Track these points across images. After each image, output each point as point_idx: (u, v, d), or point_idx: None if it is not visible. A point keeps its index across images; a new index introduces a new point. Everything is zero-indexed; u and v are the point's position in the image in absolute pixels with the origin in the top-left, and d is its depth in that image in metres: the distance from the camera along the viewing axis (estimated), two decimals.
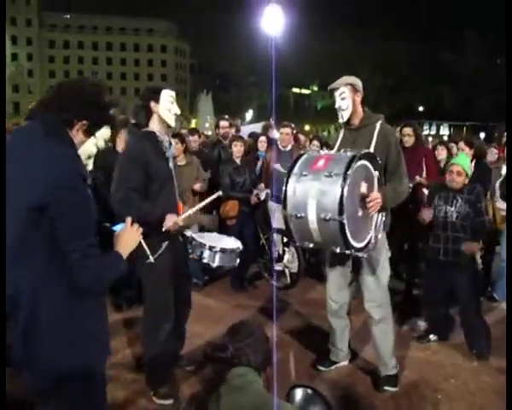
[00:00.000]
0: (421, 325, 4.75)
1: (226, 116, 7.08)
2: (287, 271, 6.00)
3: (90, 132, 1.96)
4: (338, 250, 2.98)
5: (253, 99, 73.25)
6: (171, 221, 3.18)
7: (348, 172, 2.81)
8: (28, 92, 73.65)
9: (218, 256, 3.44)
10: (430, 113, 57.06)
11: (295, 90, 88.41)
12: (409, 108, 56.83)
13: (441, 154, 6.22)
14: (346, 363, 3.91)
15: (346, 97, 3.38)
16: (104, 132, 2.00)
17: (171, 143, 3.39)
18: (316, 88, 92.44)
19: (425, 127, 61.66)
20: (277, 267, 5.96)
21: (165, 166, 3.30)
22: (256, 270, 6.22)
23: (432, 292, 4.44)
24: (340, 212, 2.77)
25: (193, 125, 55.96)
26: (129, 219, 2.08)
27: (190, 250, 3.41)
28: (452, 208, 4.16)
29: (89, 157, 1.99)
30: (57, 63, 76.97)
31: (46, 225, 1.76)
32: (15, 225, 1.79)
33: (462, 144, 6.01)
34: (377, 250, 3.32)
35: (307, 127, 67.57)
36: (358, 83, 3.46)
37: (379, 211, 3.20)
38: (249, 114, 59.72)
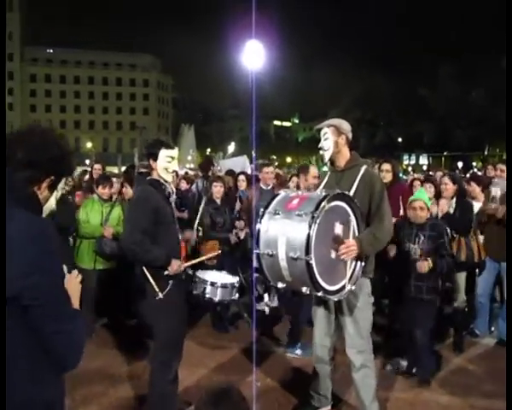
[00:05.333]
0: (404, 364, 4.70)
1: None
2: (267, 310, 5.92)
3: (54, 187, 1.81)
4: (308, 292, 2.96)
5: (234, 132, 73.90)
6: (176, 266, 3.38)
7: (317, 212, 2.83)
8: (9, 127, 73.28)
9: (219, 291, 3.74)
10: (409, 144, 58.16)
11: (276, 122, 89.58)
12: (388, 141, 57.91)
13: (429, 191, 5.68)
14: (328, 409, 3.82)
15: (329, 138, 3.43)
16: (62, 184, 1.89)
17: (173, 190, 3.63)
18: (297, 120, 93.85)
19: (405, 157, 62.78)
20: (258, 307, 5.88)
21: (169, 210, 3.51)
22: (237, 310, 6.13)
23: (407, 328, 4.46)
24: (307, 251, 2.77)
25: None
26: (64, 267, 1.93)
27: (193, 287, 3.63)
28: (415, 246, 4.22)
29: (50, 212, 1.90)
30: (39, 97, 76.95)
31: (21, 316, 1.59)
32: None
33: (446, 179, 5.62)
34: (357, 296, 3.29)
35: (289, 159, 68.35)
36: (343, 125, 3.49)
37: (356, 258, 3.17)
38: (231, 147, 60.14)
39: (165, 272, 3.36)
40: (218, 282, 3.81)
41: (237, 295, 3.91)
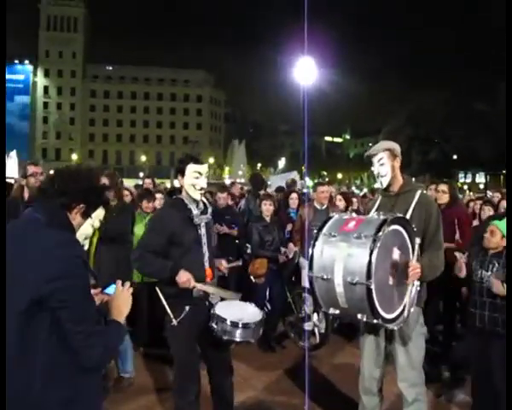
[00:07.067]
0: (462, 396, 4.46)
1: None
2: (316, 330, 5.83)
3: (87, 214, 2.07)
4: (364, 319, 2.80)
5: (285, 147, 74.06)
6: (184, 277, 3.17)
7: (378, 235, 2.68)
8: (69, 139, 76.90)
9: (238, 332, 3.22)
10: (465, 161, 56.11)
11: (327, 138, 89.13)
12: (442, 158, 56.15)
13: (488, 214, 5.45)
14: None
15: (385, 163, 3.30)
16: (99, 213, 2.16)
17: (205, 209, 3.46)
18: (348, 136, 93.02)
19: (460, 175, 60.59)
20: (306, 327, 5.79)
21: (192, 232, 3.35)
22: (283, 329, 6.06)
23: (474, 363, 4.18)
24: (368, 276, 2.62)
25: (226, 172, 56.86)
26: (119, 282, 2.13)
27: (211, 321, 3.26)
28: (488, 273, 3.94)
29: (85, 238, 2.14)
30: (97, 112, 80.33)
31: (45, 317, 1.80)
32: (11, 324, 1.79)
33: None
34: (409, 326, 3.15)
35: (340, 175, 67.70)
36: (397, 148, 3.38)
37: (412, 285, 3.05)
38: (282, 162, 60.30)
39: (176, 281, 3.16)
40: (239, 322, 3.22)
41: (261, 331, 3.37)
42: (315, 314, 5.82)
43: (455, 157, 57.65)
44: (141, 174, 43.71)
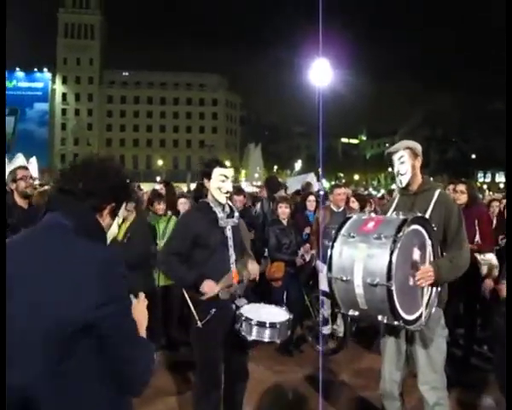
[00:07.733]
0: (488, 401, 4.36)
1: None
2: (334, 334, 5.77)
3: (115, 214, 1.85)
4: (385, 320, 2.74)
5: (301, 150, 73.95)
6: (207, 288, 3.20)
7: (399, 235, 2.64)
8: (87, 145, 77.90)
9: (267, 332, 3.20)
10: (484, 161, 55.29)
11: (344, 140, 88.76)
12: (460, 157, 55.43)
13: None
14: None
15: (406, 161, 3.26)
16: (122, 210, 1.97)
17: (232, 212, 3.49)
18: (364, 137, 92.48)
19: (479, 175, 59.62)
20: (324, 331, 5.73)
21: (218, 234, 3.36)
22: (301, 332, 6.01)
23: (500, 369, 4.07)
24: (389, 277, 2.58)
25: (242, 175, 56.95)
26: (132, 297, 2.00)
27: (237, 323, 3.24)
28: (504, 281, 3.83)
29: (113, 238, 1.97)
30: (114, 117, 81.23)
31: (91, 345, 1.56)
32: (42, 357, 1.52)
33: None
34: (430, 328, 3.08)
35: (356, 177, 67.28)
36: (418, 147, 3.35)
37: (432, 285, 2.98)
38: (298, 165, 60.17)
39: (201, 297, 3.19)
40: (266, 322, 3.20)
41: (289, 332, 3.35)
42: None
43: (473, 156, 56.81)
44: (158, 178, 44.01)
